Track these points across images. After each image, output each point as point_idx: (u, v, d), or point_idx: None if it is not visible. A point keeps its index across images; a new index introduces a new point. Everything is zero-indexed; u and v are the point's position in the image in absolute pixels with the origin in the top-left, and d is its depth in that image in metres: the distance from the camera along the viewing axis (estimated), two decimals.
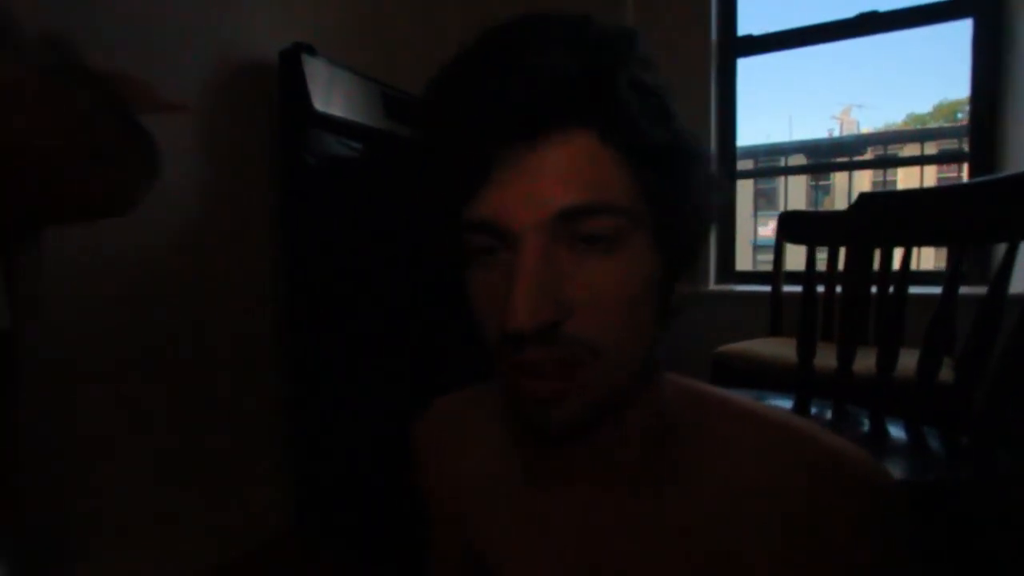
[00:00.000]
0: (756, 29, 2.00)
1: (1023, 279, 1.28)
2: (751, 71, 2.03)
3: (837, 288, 1.36)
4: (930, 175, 2.61)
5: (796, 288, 1.27)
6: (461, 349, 0.39)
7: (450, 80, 0.34)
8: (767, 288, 1.60)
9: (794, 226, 1.39)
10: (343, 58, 1.54)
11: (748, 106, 2.06)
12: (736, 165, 2.07)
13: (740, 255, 2.14)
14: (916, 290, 0.99)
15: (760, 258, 3.29)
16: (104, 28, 1.13)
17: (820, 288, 1.23)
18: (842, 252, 1.21)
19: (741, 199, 2.17)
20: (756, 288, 1.95)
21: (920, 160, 2.43)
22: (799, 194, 4.28)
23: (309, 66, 1.38)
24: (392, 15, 1.91)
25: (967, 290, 1.08)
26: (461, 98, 0.32)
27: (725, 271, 2.09)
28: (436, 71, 0.35)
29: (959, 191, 0.92)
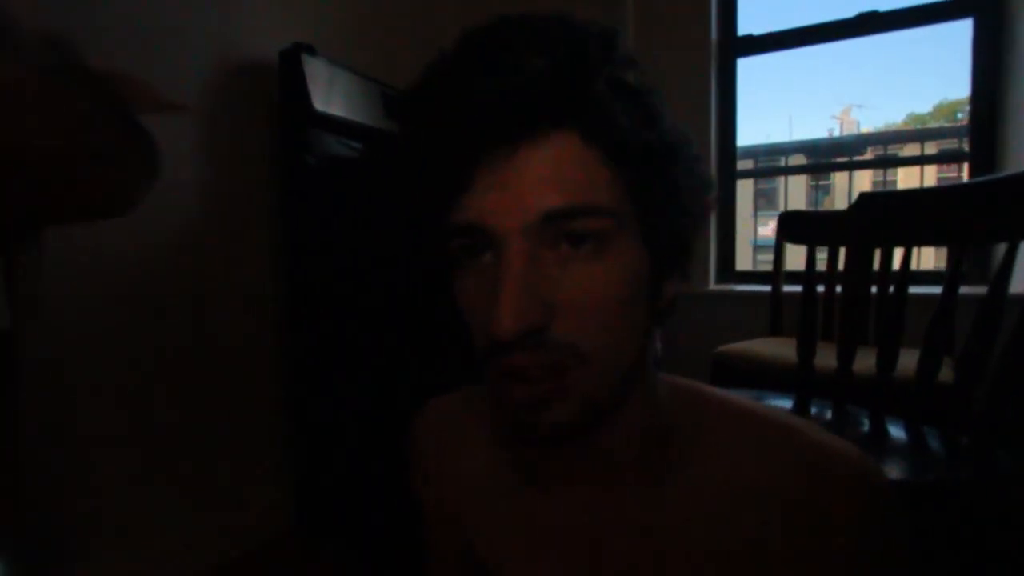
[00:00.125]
0: (756, 29, 2.00)
1: (1023, 279, 1.28)
2: (751, 71, 2.04)
3: (837, 288, 1.36)
4: (930, 175, 2.60)
5: (796, 288, 1.27)
6: (460, 349, 0.39)
7: (430, 85, 0.34)
8: (767, 288, 1.60)
9: (794, 226, 1.40)
10: (343, 58, 1.54)
11: (748, 106, 2.06)
12: (736, 165, 2.07)
13: (740, 255, 2.14)
14: (916, 290, 0.99)
15: (760, 258, 3.30)
16: (104, 28, 1.13)
17: (820, 288, 1.23)
18: (842, 252, 1.21)
19: (741, 199, 2.16)
20: (756, 288, 1.95)
21: (920, 160, 2.43)
22: (799, 194, 4.28)
23: (309, 66, 1.38)
24: (392, 15, 1.91)
25: (967, 290, 1.08)
26: (440, 104, 0.32)
27: (725, 271, 2.09)
28: (418, 75, 0.35)
29: (959, 191, 0.92)
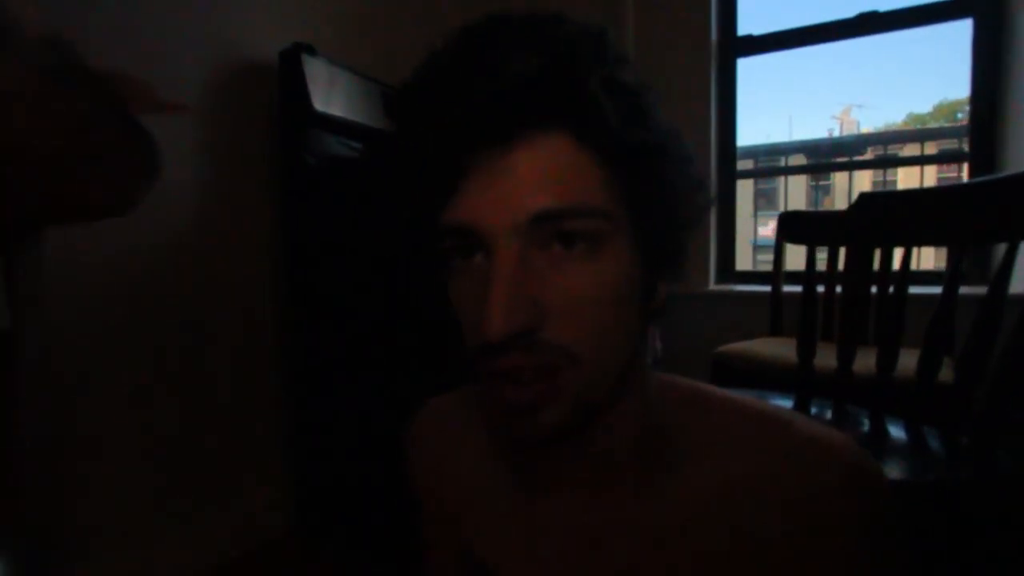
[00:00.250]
0: (756, 29, 2.00)
1: (1023, 279, 1.28)
2: (751, 71, 2.04)
3: (837, 288, 1.36)
4: (930, 175, 2.60)
5: (796, 288, 1.27)
6: (455, 349, 0.39)
7: (421, 85, 0.33)
8: (767, 288, 1.60)
9: (794, 226, 1.40)
10: (343, 58, 1.54)
11: (748, 106, 2.06)
12: (736, 165, 2.07)
13: (740, 255, 2.14)
14: (916, 290, 0.99)
15: (760, 258, 3.29)
16: (104, 28, 1.13)
17: (820, 288, 1.23)
18: (842, 252, 1.21)
19: (741, 199, 2.16)
20: (756, 288, 1.95)
21: (920, 160, 2.43)
22: (799, 194, 4.28)
23: (309, 66, 1.38)
24: (392, 15, 1.91)
25: (967, 290, 1.08)
26: (432, 104, 0.32)
27: (725, 271, 2.09)
28: (410, 74, 0.34)
29: (959, 191, 0.92)
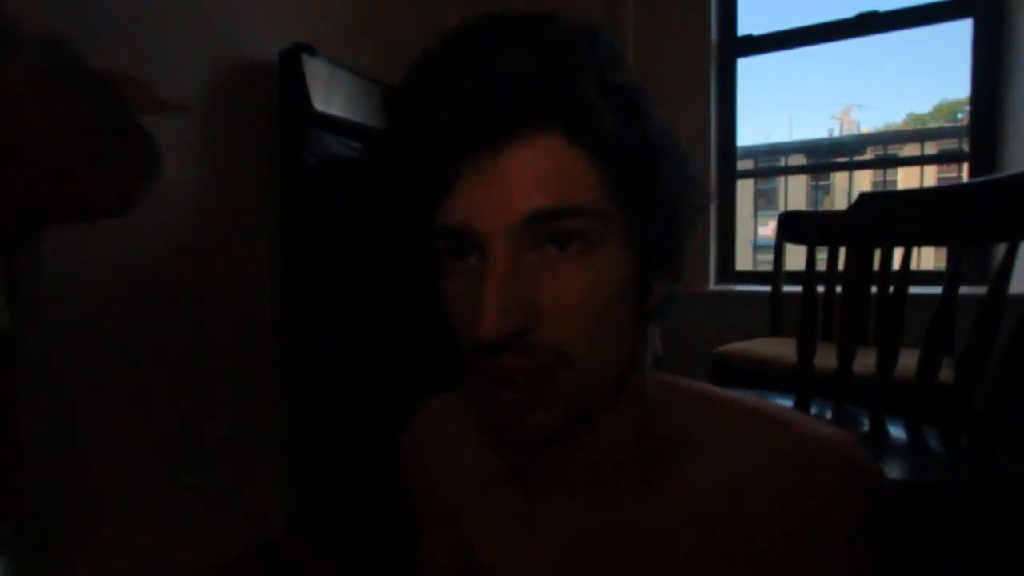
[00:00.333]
0: (756, 29, 2.00)
1: (1023, 279, 1.28)
2: (751, 71, 2.03)
3: (837, 288, 1.35)
4: (930, 175, 2.60)
5: (796, 288, 1.27)
6: (450, 350, 0.39)
7: (412, 87, 0.33)
8: (767, 288, 1.60)
9: (794, 226, 1.39)
10: (343, 58, 1.54)
11: (748, 106, 2.06)
12: (736, 165, 2.07)
13: (740, 255, 2.14)
14: (916, 290, 0.99)
15: (760, 258, 3.29)
16: (104, 28, 1.13)
17: (820, 288, 1.23)
18: (842, 252, 1.21)
19: (741, 199, 2.16)
20: (756, 288, 1.95)
21: (920, 160, 2.42)
22: (799, 194, 4.28)
23: (309, 66, 1.38)
24: (392, 15, 1.91)
25: (967, 290, 1.08)
26: (424, 104, 0.32)
27: (725, 271, 2.09)
28: (403, 75, 0.34)
29: (959, 191, 0.92)
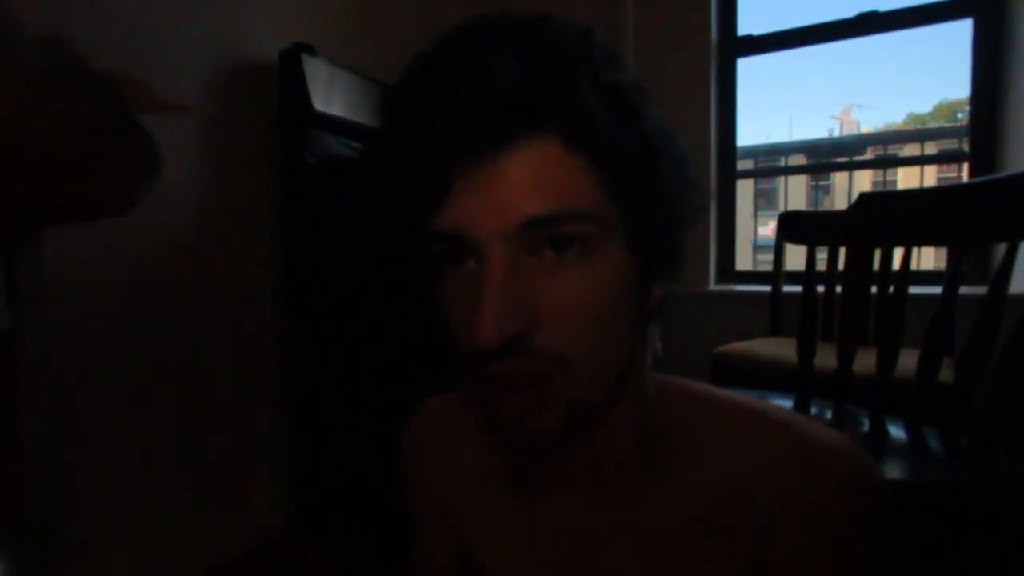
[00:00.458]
0: (756, 29, 2.00)
1: (1023, 279, 1.28)
2: (751, 71, 2.03)
3: (837, 288, 1.36)
4: (930, 175, 2.61)
5: (796, 288, 1.27)
6: (448, 352, 0.39)
7: (407, 93, 0.33)
8: (767, 288, 1.60)
9: (794, 226, 1.39)
10: (343, 58, 1.54)
11: (748, 106, 2.06)
12: (736, 165, 2.07)
13: (740, 255, 2.14)
14: (916, 290, 0.99)
15: (760, 258, 3.30)
16: (104, 28, 1.13)
17: (820, 288, 1.23)
18: (842, 252, 1.21)
19: (741, 199, 2.16)
20: (756, 288, 1.95)
21: (920, 160, 2.42)
22: (799, 194, 4.28)
23: (309, 66, 1.38)
24: (392, 15, 1.91)
25: (967, 290, 1.08)
26: (417, 110, 0.31)
27: (725, 271, 2.08)
28: (397, 79, 0.34)
29: (959, 191, 0.92)
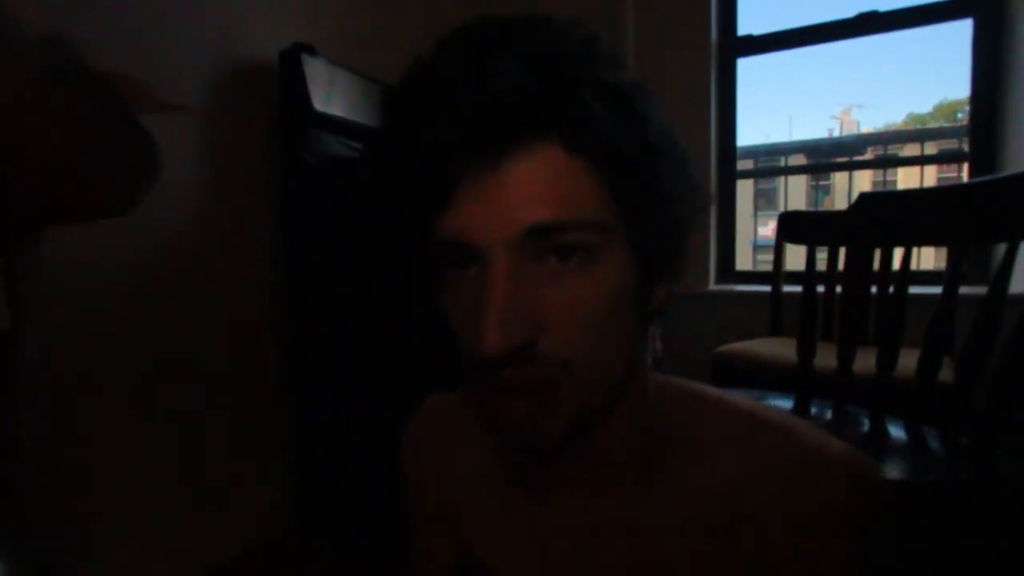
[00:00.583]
0: (756, 29, 2.00)
1: (1023, 279, 1.28)
2: (751, 71, 2.03)
3: (837, 288, 1.36)
4: (930, 175, 2.60)
5: (796, 288, 1.27)
6: (451, 356, 0.39)
7: (408, 97, 0.33)
8: (767, 288, 1.60)
9: (794, 226, 1.39)
10: (343, 58, 1.54)
11: (748, 106, 2.05)
12: (736, 165, 2.07)
13: (740, 255, 2.14)
14: (916, 290, 0.99)
15: (760, 258, 3.29)
16: (104, 28, 1.13)
17: (820, 288, 1.23)
18: (842, 252, 1.21)
19: (741, 199, 2.16)
20: (756, 288, 1.95)
21: (920, 160, 2.42)
22: (799, 194, 4.28)
23: (309, 66, 1.38)
24: (392, 15, 1.91)
25: (967, 290, 1.08)
26: (417, 112, 0.31)
27: (725, 271, 2.08)
28: (397, 84, 0.34)
29: (959, 191, 0.92)
